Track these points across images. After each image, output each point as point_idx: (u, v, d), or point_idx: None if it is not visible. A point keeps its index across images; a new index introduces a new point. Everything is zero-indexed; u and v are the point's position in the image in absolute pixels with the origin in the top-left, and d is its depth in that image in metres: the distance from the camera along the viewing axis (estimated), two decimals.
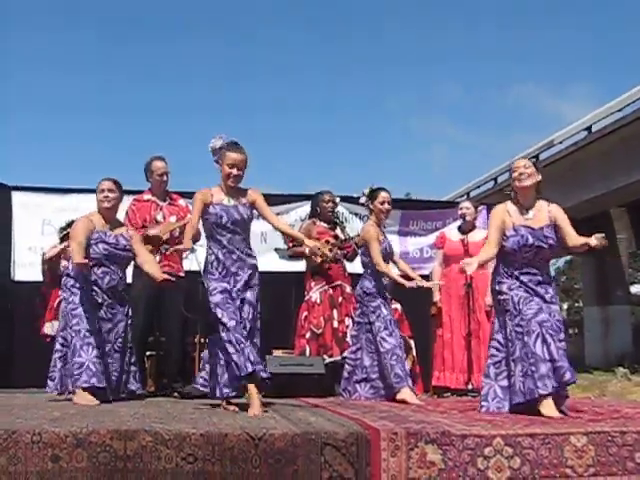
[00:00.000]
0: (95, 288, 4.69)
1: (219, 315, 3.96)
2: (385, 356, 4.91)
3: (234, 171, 4.12)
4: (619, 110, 14.19)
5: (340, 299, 5.78)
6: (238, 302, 4.06)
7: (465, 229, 6.06)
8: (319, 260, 5.75)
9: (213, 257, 4.15)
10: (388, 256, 5.19)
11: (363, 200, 5.29)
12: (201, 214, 4.16)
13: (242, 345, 3.89)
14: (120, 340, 4.76)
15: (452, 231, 6.30)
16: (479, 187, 19.21)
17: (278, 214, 6.22)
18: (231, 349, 3.89)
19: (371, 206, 5.22)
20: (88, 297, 4.64)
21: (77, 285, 4.65)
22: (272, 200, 5.41)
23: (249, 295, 4.13)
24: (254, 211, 4.26)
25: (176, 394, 5.33)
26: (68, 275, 4.74)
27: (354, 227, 6.84)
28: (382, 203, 5.18)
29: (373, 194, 5.21)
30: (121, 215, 5.42)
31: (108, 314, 4.72)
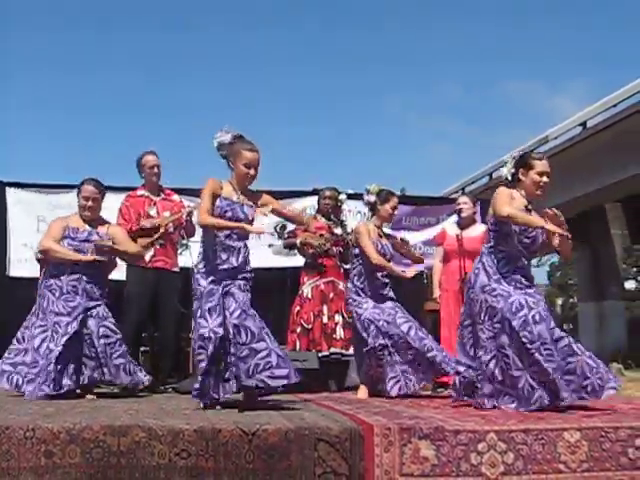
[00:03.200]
0: (55, 281, 4.71)
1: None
2: None
3: (251, 171, 3.90)
4: (614, 106, 14.17)
5: (332, 295, 5.79)
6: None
7: (463, 224, 6.01)
8: (310, 251, 5.77)
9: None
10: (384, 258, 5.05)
11: (372, 199, 5.09)
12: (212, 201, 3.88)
13: None
14: (88, 334, 4.62)
15: (451, 227, 6.25)
16: (474, 182, 19.18)
17: None
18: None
19: (379, 207, 5.09)
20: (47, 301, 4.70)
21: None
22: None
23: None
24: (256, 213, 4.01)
25: (170, 390, 5.33)
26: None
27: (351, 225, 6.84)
28: (393, 209, 5.10)
29: (385, 197, 5.08)
30: (114, 213, 5.42)
31: (67, 308, 4.63)
